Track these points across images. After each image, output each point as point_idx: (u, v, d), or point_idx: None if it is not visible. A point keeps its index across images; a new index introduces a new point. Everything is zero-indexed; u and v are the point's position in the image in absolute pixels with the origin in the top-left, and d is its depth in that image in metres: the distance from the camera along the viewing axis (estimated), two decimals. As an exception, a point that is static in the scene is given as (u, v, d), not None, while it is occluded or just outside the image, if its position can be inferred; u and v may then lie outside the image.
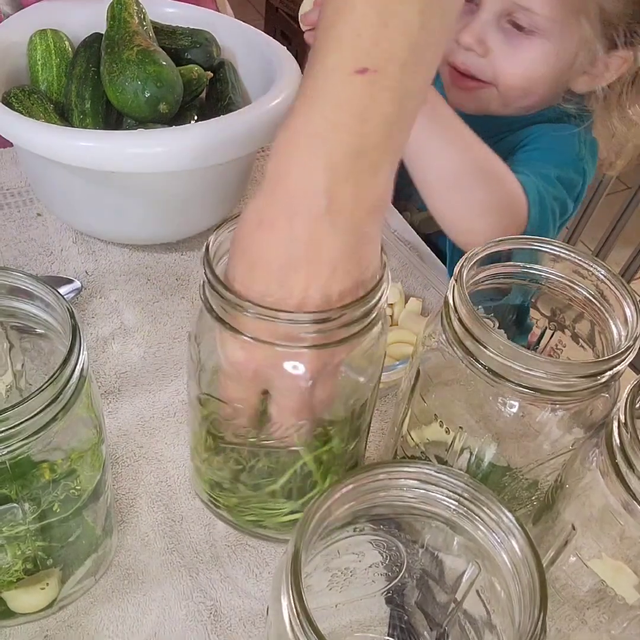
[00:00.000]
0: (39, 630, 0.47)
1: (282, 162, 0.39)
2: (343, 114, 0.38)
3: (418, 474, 0.37)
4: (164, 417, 0.60)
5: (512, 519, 0.35)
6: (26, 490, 0.40)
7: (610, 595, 0.41)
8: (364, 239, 0.40)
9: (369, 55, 0.37)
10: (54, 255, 0.73)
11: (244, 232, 0.40)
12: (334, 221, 0.38)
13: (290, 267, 0.38)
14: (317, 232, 0.38)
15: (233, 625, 0.49)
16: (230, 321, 0.40)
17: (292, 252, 0.38)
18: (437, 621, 0.45)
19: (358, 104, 0.37)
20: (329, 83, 0.38)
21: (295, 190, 0.38)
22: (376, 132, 0.38)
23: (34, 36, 0.75)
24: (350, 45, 0.37)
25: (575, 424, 0.44)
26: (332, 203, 0.38)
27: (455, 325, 0.43)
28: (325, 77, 0.38)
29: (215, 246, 0.43)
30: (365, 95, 0.37)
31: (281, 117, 0.66)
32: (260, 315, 0.39)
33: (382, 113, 0.38)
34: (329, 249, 0.38)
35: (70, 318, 0.39)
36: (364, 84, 0.37)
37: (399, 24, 0.37)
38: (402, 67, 0.38)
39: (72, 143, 0.61)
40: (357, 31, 0.37)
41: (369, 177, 0.39)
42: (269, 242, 0.39)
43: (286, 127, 0.39)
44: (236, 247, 0.41)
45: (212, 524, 0.54)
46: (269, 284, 0.39)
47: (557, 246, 0.47)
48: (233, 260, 0.41)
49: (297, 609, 0.31)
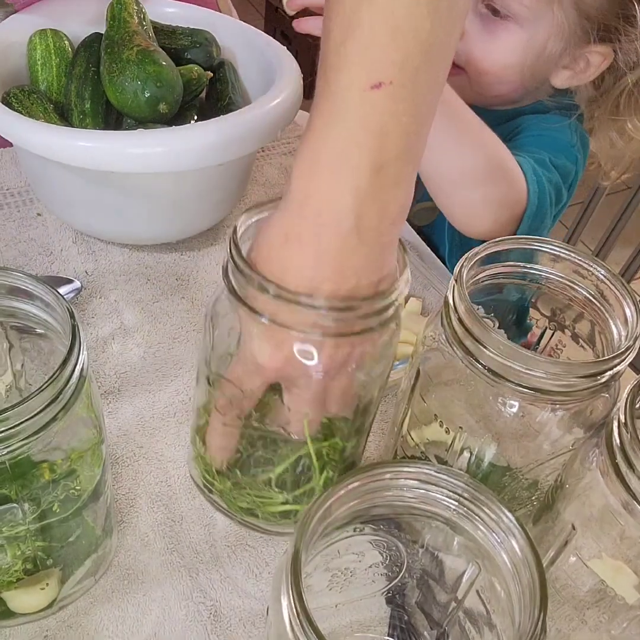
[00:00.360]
0: (38, 631, 0.47)
1: (306, 183, 0.40)
2: (363, 132, 0.38)
3: (418, 474, 0.37)
4: (164, 417, 0.60)
5: (512, 519, 0.35)
6: (26, 490, 0.40)
7: (610, 595, 0.41)
8: (385, 248, 0.42)
9: (382, 68, 0.37)
10: (54, 255, 0.73)
11: (271, 245, 0.41)
12: (360, 237, 0.40)
13: (318, 279, 0.40)
14: (345, 247, 0.40)
15: (233, 626, 0.49)
16: (252, 303, 0.41)
17: (319, 268, 0.40)
18: (437, 621, 0.45)
19: (378, 120, 0.38)
20: (346, 102, 0.38)
21: (322, 210, 0.39)
22: (396, 144, 0.39)
23: (34, 36, 0.75)
24: (361, 60, 0.37)
25: (575, 424, 0.44)
26: (359, 220, 0.39)
27: (455, 325, 0.43)
28: (341, 96, 0.38)
29: (241, 231, 0.44)
30: (384, 110, 0.38)
31: (281, 117, 0.66)
32: (281, 296, 0.40)
33: (400, 124, 0.38)
34: (354, 263, 0.40)
35: (70, 318, 0.39)
36: (381, 99, 0.37)
37: (407, 31, 0.37)
38: (416, 74, 0.38)
39: (71, 143, 0.61)
40: (366, 45, 0.37)
41: (392, 189, 0.40)
42: (298, 255, 0.40)
43: (307, 149, 0.40)
44: (261, 258, 0.42)
45: (212, 524, 0.54)
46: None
47: (557, 246, 0.47)
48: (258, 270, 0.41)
49: (297, 609, 0.31)
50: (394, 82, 0.37)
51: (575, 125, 0.78)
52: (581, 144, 0.79)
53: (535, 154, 0.73)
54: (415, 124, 0.39)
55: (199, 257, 0.76)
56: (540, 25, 0.71)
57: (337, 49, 0.38)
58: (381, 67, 0.37)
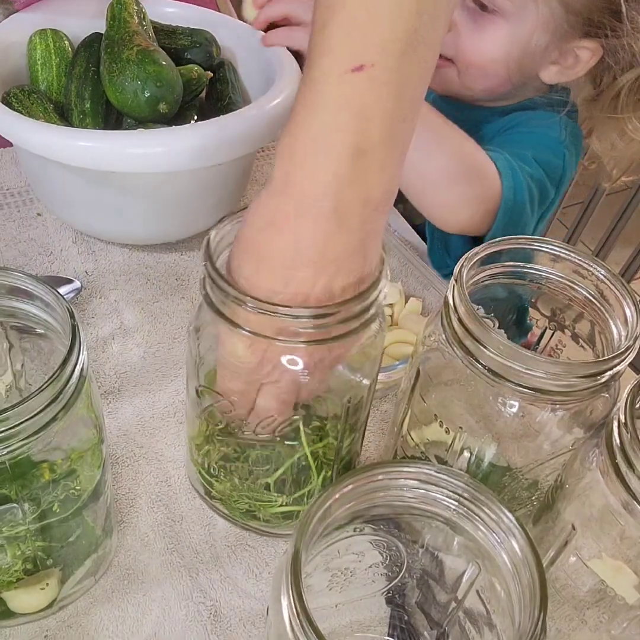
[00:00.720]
0: (38, 631, 0.47)
1: (287, 167, 0.39)
2: (343, 114, 0.37)
3: (418, 474, 0.37)
4: (164, 417, 0.60)
5: (512, 519, 0.35)
6: (26, 490, 0.40)
7: (610, 595, 0.41)
8: (369, 235, 0.40)
9: (364, 51, 0.36)
10: (54, 255, 0.73)
11: (250, 232, 0.41)
12: (340, 222, 0.38)
13: (296, 266, 0.39)
14: (323, 233, 0.39)
15: (233, 626, 0.49)
16: (230, 315, 0.41)
17: (298, 253, 0.39)
18: (437, 621, 0.45)
19: (358, 102, 0.37)
20: (326, 85, 0.37)
21: (301, 194, 0.39)
22: (379, 129, 0.38)
23: (34, 36, 0.75)
24: (343, 43, 0.36)
25: (575, 424, 0.44)
26: (339, 205, 0.38)
27: (455, 325, 0.43)
28: (323, 79, 0.37)
29: (216, 241, 0.43)
30: (365, 93, 0.37)
31: (281, 117, 0.66)
32: (259, 309, 0.39)
33: (383, 109, 0.37)
34: (334, 248, 0.39)
35: (70, 318, 0.39)
36: (361, 81, 0.37)
37: (391, 13, 0.36)
38: (400, 58, 0.37)
39: (71, 143, 0.61)
40: (348, 28, 0.36)
41: (375, 175, 0.39)
42: (275, 242, 0.39)
43: (288, 133, 0.39)
44: (241, 246, 0.41)
45: (212, 524, 0.54)
46: (275, 283, 0.39)
47: (557, 246, 0.47)
48: (237, 259, 0.41)
49: (297, 609, 0.31)
50: (376, 65, 0.36)
51: (566, 122, 0.78)
52: (571, 141, 0.79)
53: (517, 150, 0.73)
54: (400, 109, 0.38)
55: (199, 257, 0.75)
56: (525, 19, 0.72)
57: (319, 32, 0.37)
58: (363, 49, 0.36)
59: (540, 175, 0.74)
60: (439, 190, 0.68)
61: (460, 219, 0.70)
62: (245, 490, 0.50)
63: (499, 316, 0.52)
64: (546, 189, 0.75)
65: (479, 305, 0.49)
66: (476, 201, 0.69)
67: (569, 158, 0.77)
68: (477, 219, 0.69)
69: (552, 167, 0.76)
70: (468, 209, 0.69)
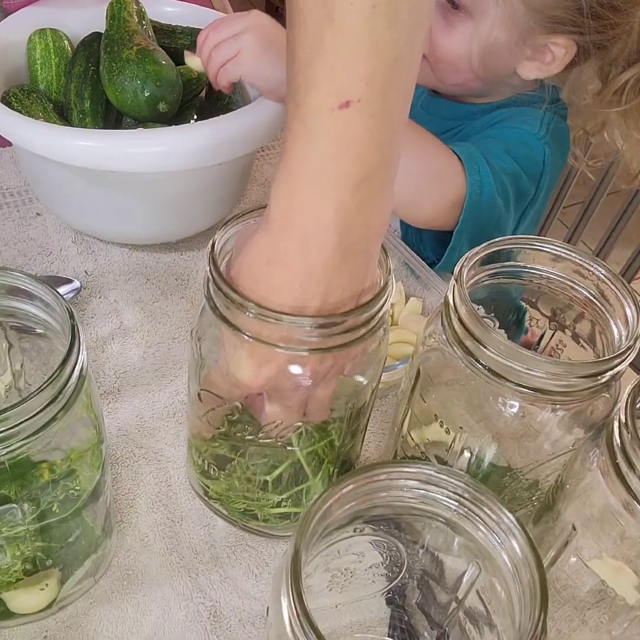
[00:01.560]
0: (38, 631, 0.47)
1: (286, 203, 0.40)
2: (338, 147, 0.37)
3: (418, 475, 0.37)
4: (164, 417, 0.60)
5: (513, 520, 0.35)
6: (25, 491, 0.40)
7: (611, 596, 0.41)
8: (372, 257, 0.41)
9: (348, 86, 0.36)
10: (54, 255, 0.73)
11: (255, 266, 0.41)
12: (346, 251, 0.39)
13: (306, 299, 0.40)
14: (332, 265, 0.39)
15: (233, 626, 0.49)
16: (233, 320, 0.41)
17: (308, 285, 0.40)
18: (437, 622, 0.45)
19: (351, 135, 0.37)
20: (317, 122, 0.37)
21: (306, 229, 0.39)
22: (373, 156, 0.38)
23: (33, 35, 0.75)
24: (327, 80, 0.37)
25: (575, 424, 0.44)
26: (344, 233, 0.39)
27: (455, 325, 0.43)
28: (311, 118, 0.38)
29: (220, 244, 0.43)
30: (356, 127, 0.37)
31: (281, 116, 0.66)
32: (263, 316, 0.39)
33: (375, 139, 0.38)
34: (341, 277, 0.40)
35: (69, 318, 0.39)
36: (351, 116, 0.37)
37: (370, 46, 0.36)
38: (384, 88, 0.37)
39: (71, 142, 0.61)
40: (331, 64, 0.36)
41: (374, 200, 0.39)
42: (283, 276, 0.40)
43: (285, 171, 0.39)
44: (243, 279, 0.41)
45: (212, 525, 0.54)
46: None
47: (558, 246, 0.46)
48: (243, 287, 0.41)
49: (297, 609, 0.31)
50: (363, 99, 0.37)
51: (550, 119, 0.78)
52: (554, 137, 0.79)
53: (491, 145, 0.74)
54: (389, 133, 0.38)
55: (198, 257, 0.76)
56: (486, 16, 0.73)
57: (303, 70, 0.37)
58: (347, 85, 0.36)
59: (515, 170, 0.74)
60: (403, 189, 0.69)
61: (424, 214, 0.71)
62: (243, 490, 0.50)
63: (499, 316, 0.52)
64: (523, 184, 0.75)
65: (479, 305, 0.49)
66: (438, 197, 0.70)
67: (550, 154, 0.78)
68: (439, 211, 0.70)
69: (530, 163, 0.76)
70: (430, 204, 0.70)
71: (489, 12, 0.72)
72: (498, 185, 0.71)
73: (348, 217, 0.39)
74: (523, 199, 0.77)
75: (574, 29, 0.71)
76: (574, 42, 0.72)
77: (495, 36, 0.73)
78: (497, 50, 0.75)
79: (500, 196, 0.72)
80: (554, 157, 0.78)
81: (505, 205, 0.74)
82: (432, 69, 0.78)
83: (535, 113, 0.79)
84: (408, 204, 0.70)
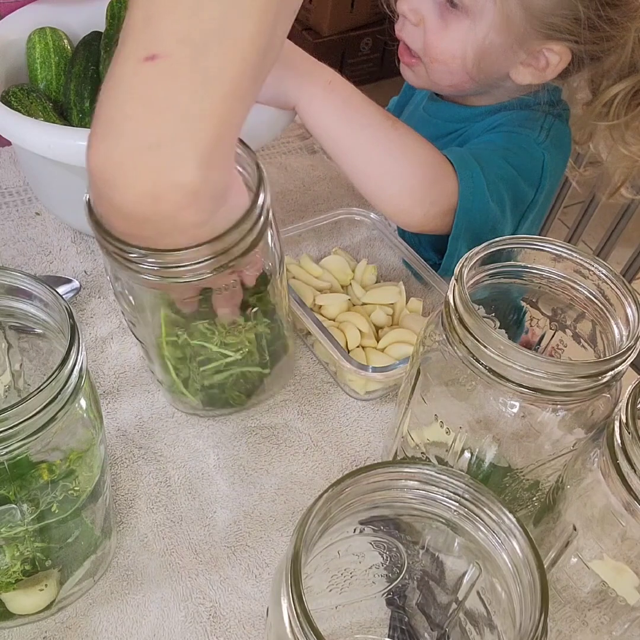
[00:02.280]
0: (37, 632, 0.47)
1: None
2: (135, 104, 0.36)
3: (418, 475, 0.36)
4: (163, 417, 0.60)
5: (513, 520, 0.35)
6: (25, 491, 0.40)
7: (612, 596, 0.41)
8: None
9: (160, 40, 0.35)
10: (53, 254, 0.73)
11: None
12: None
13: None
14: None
15: (232, 627, 0.49)
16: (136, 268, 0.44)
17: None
18: (437, 622, 0.45)
19: (150, 94, 0.36)
20: (122, 72, 0.36)
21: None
22: (171, 122, 0.36)
23: (33, 34, 0.75)
24: (141, 32, 0.35)
25: (576, 424, 0.44)
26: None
27: (455, 325, 0.43)
28: (120, 66, 0.36)
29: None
30: (156, 84, 0.36)
31: (281, 117, 0.66)
32: (163, 268, 0.43)
33: (176, 103, 0.36)
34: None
35: (68, 318, 0.39)
36: (153, 72, 0.35)
37: (189, 5, 0.34)
38: (202, 48, 0.35)
39: (71, 142, 0.61)
40: (148, 14, 0.35)
41: (169, 171, 0.37)
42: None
43: (96, 115, 0.38)
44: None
45: (212, 525, 0.54)
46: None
47: (559, 246, 0.46)
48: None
49: (297, 610, 0.31)
50: (171, 56, 0.35)
51: (550, 123, 0.78)
52: (554, 142, 0.78)
53: (487, 150, 0.74)
54: (196, 103, 0.36)
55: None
56: (483, 18, 0.72)
57: (125, 22, 0.36)
58: (160, 38, 0.35)
59: (512, 176, 0.73)
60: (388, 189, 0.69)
61: (416, 220, 0.70)
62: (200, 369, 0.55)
63: (499, 316, 0.52)
64: (520, 190, 0.75)
65: (480, 305, 0.49)
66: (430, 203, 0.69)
67: (550, 159, 0.77)
68: (430, 216, 0.70)
69: (528, 167, 0.76)
70: (422, 211, 0.69)
71: (486, 13, 0.72)
72: (493, 192, 0.71)
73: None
74: (521, 204, 0.76)
75: (570, 37, 0.70)
76: (569, 50, 0.72)
77: (491, 38, 0.73)
78: (492, 52, 0.74)
79: (495, 202, 0.72)
80: (554, 162, 0.78)
81: (501, 210, 0.73)
82: (426, 70, 0.78)
83: (536, 117, 0.78)
84: (400, 209, 0.70)
